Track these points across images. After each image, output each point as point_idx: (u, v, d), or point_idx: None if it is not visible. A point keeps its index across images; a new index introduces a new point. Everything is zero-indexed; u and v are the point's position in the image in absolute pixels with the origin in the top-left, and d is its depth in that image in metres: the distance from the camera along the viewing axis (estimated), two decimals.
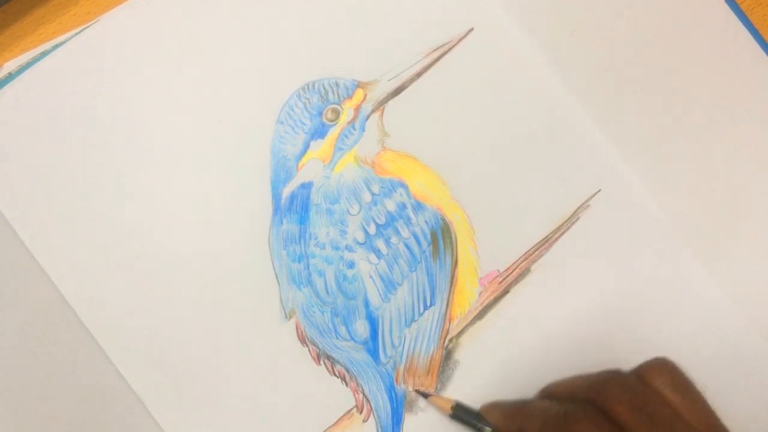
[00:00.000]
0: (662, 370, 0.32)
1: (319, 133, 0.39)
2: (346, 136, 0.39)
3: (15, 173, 0.37)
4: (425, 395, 0.37)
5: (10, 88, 0.38)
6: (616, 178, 0.40)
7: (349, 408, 0.37)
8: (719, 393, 0.38)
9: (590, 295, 0.39)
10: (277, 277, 0.38)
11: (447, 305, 0.38)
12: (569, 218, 0.39)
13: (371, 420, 0.37)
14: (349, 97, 0.39)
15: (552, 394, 0.35)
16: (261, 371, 0.37)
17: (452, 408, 0.36)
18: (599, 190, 0.40)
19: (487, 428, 0.35)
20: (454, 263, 0.38)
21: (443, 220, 0.39)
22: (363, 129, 0.39)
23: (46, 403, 0.36)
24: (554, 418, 0.32)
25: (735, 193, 0.40)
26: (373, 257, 0.38)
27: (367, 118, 0.39)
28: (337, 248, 0.38)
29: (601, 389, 0.31)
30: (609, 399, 0.31)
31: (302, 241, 0.38)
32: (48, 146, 0.37)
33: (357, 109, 0.39)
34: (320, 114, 0.39)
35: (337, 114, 0.39)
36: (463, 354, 0.38)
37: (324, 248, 0.38)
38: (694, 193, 0.40)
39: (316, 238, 0.38)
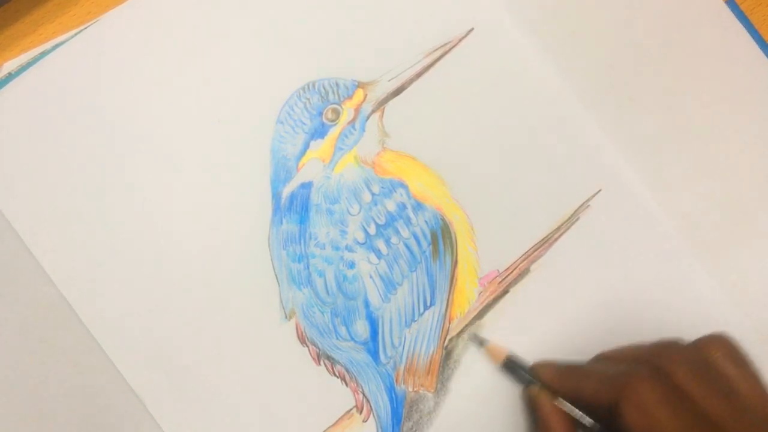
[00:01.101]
0: (722, 343, 0.32)
1: (319, 133, 0.39)
2: (346, 136, 0.39)
3: (15, 173, 0.37)
4: (481, 342, 0.37)
5: (10, 88, 0.38)
6: (616, 178, 0.40)
7: (349, 408, 0.37)
8: None
9: (590, 295, 0.39)
10: (277, 278, 0.38)
11: (447, 305, 0.38)
12: (569, 218, 0.39)
13: (371, 420, 0.37)
14: (349, 97, 0.39)
15: (609, 357, 0.35)
16: (261, 371, 0.37)
17: (504, 360, 0.37)
18: (599, 190, 0.40)
19: (535, 385, 0.36)
20: (454, 263, 0.38)
21: (443, 220, 0.39)
22: (363, 129, 0.39)
23: (45, 403, 0.36)
24: (613, 377, 0.32)
25: (735, 193, 0.40)
26: (373, 257, 0.38)
27: (367, 118, 0.39)
28: (337, 248, 0.38)
29: (661, 352, 0.32)
30: (670, 362, 0.31)
31: (302, 241, 0.38)
32: (48, 146, 0.37)
33: (357, 109, 0.39)
34: (320, 114, 0.39)
35: (337, 114, 0.39)
36: (463, 354, 0.38)
37: (324, 248, 0.38)
38: (695, 193, 0.40)
39: (316, 238, 0.38)
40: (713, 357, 0.32)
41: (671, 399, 0.30)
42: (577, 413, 0.34)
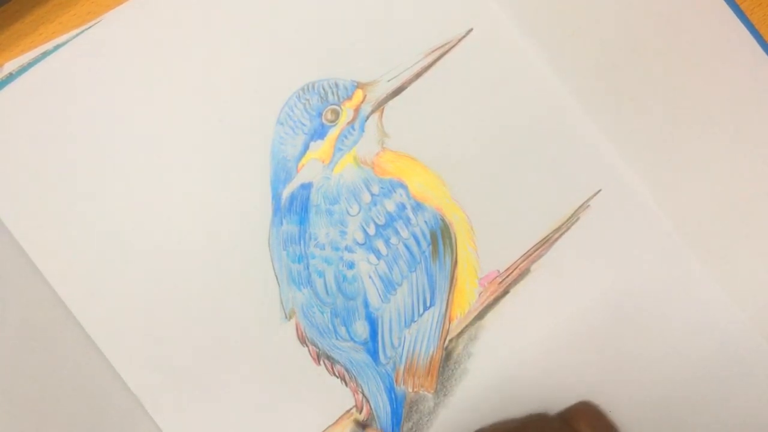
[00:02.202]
0: (586, 414, 0.33)
1: (319, 133, 0.39)
2: (346, 137, 0.39)
3: (14, 174, 0.37)
4: (363, 426, 0.37)
5: (10, 89, 0.38)
6: (616, 178, 0.40)
7: (349, 408, 0.37)
8: (719, 393, 0.38)
9: (590, 296, 0.39)
10: (277, 278, 0.38)
11: (447, 306, 0.38)
12: (569, 218, 0.39)
13: (371, 420, 0.37)
14: (349, 97, 0.39)
15: None
16: (261, 371, 0.37)
17: None
18: (599, 190, 0.40)
19: None
20: (454, 264, 0.39)
21: (443, 220, 0.39)
22: (362, 129, 0.39)
23: (43, 404, 0.36)
24: None
25: (735, 193, 0.40)
26: (372, 258, 0.38)
27: (367, 118, 0.39)
28: (336, 249, 0.38)
29: (525, 431, 0.32)
30: None
31: (302, 242, 0.38)
32: (48, 147, 0.37)
33: (356, 110, 0.39)
34: (320, 115, 0.39)
35: (336, 115, 0.39)
36: (463, 354, 0.38)
37: (324, 249, 0.38)
38: (695, 193, 0.40)
39: (315, 239, 0.38)
40: (579, 429, 0.32)
41: None
42: None
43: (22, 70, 0.38)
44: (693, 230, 0.40)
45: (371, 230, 0.38)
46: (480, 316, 0.38)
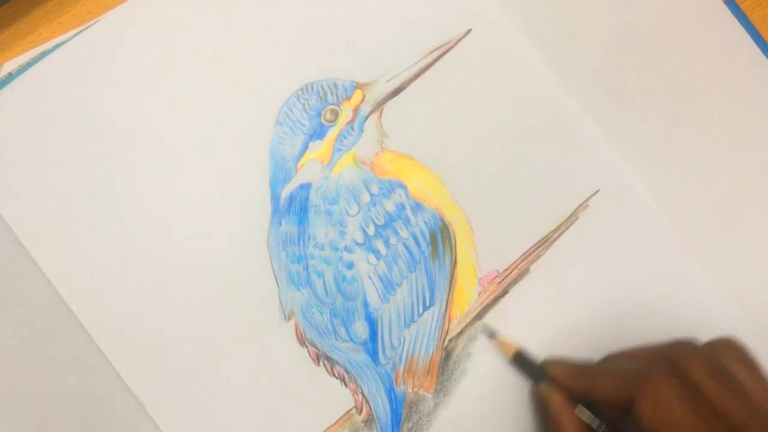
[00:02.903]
0: (733, 347, 0.33)
1: (318, 133, 0.39)
2: (345, 137, 0.39)
3: (14, 173, 0.37)
4: (491, 334, 0.38)
5: (10, 89, 0.38)
6: (616, 178, 0.40)
7: (349, 408, 0.37)
8: None
9: (589, 295, 0.39)
10: (276, 278, 0.38)
11: (446, 306, 0.38)
12: (568, 218, 0.39)
13: (371, 420, 0.37)
14: (348, 98, 0.39)
15: (620, 356, 0.35)
16: (260, 372, 0.37)
17: (513, 354, 0.37)
18: (599, 190, 0.40)
19: (544, 382, 0.36)
20: (453, 264, 0.38)
21: (442, 220, 0.39)
22: (362, 130, 0.39)
23: (44, 405, 0.36)
24: (629, 373, 0.32)
25: (734, 193, 0.40)
26: (372, 258, 0.38)
27: (366, 118, 0.39)
28: (336, 249, 0.38)
29: (676, 351, 0.32)
30: (685, 360, 0.31)
31: (301, 242, 0.38)
32: (48, 146, 0.38)
33: (355, 110, 0.39)
34: (319, 115, 0.39)
35: (335, 115, 0.39)
36: (462, 355, 0.38)
37: (323, 249, 0.38)
38: (694, 193, 0.40)
39: (315, 239, 0.38)
40: (726, 359, 0.32)
41: (689, 395, 0.30)
42: (588, 415, 0.34)
43: (22, 70, 0.38)
44: (693, 230, 0.40)
45: (370, 230, 0.38)
46: (479, 316, 0.38)
